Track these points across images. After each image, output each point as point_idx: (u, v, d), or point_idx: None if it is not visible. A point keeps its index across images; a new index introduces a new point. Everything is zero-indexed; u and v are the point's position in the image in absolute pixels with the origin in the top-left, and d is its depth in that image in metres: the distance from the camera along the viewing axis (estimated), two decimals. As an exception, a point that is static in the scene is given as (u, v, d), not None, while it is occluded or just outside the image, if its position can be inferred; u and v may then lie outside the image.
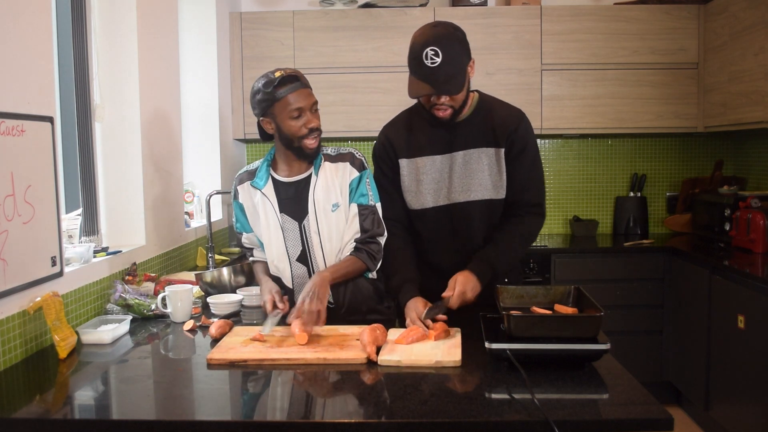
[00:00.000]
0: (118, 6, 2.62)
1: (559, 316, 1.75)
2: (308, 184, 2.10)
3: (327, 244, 2.11)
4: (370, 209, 2.12)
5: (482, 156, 2.09)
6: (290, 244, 2.13)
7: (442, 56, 1.90)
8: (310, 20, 3.95)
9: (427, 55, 1.90)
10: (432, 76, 1.92)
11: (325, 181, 2.09)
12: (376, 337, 1.74)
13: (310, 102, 2.03)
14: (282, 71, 2.02)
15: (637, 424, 1.36)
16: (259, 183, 2.13)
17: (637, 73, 3.96)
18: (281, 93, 2.00)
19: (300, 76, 2.04)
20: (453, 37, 1.94)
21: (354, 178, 2.11)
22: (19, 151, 1.82)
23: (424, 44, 1.92)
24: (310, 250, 2.13)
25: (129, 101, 2.64)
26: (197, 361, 1.79)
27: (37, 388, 1.66)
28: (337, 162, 2.12)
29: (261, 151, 4.41)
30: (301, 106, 2.01)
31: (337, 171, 2.11)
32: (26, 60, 1.89)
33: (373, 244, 2.11)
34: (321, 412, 1.46)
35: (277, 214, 2.12)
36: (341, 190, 2.10)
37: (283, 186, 2.13)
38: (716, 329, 3.22)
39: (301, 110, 2.01)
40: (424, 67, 1.92)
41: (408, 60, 1.98)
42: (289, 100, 2.00)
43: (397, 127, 2.20)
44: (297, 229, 2.12)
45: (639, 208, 4.26)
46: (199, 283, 2.45)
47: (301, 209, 2.11)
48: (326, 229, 2.10)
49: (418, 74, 1.95)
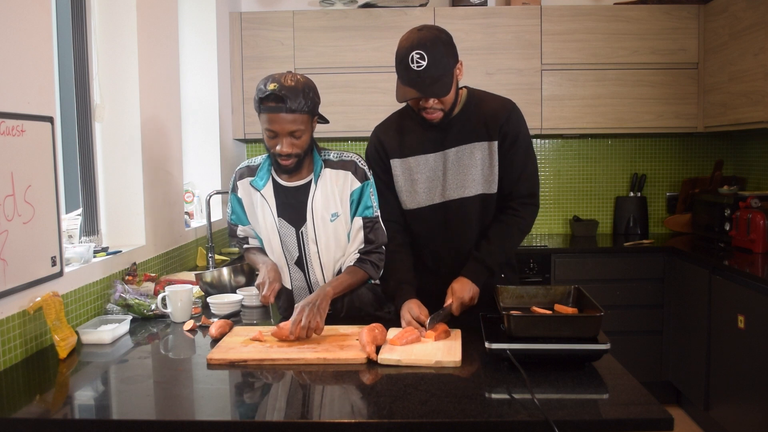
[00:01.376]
0: (118, 6, 2.62)
1: (559, 316, 1.75)
2: (307, 191, 2.07)
3: (325, 254, 2.09)
4: (374, 220, 2.10)
5: (475, 151, 2.09)
6: (288, 249, 2.12)
7: (427, 59, 1.90)
8: (310, 20, 3.96)
9: (413, 59, 1.90)
10: (418, 79, 1.92)
11: (325, 189, 2.06)
12: (375, 336, 1.74)
13: (287, 130, 1.92)
14: (277, 84, 1.90)
15: (637, 424, 1.36)
16: (258, 183, 2.09)
17: (637, 73, 3.96)
18: (263, 108, 1.93)
19: (291, 97, 1.90)
20: (438, 40, 1.93)
21: (356, 189, 2.07)
22: (19, 151, 1.82)
23: (409, 48, 1.91)
24: (307, 258, 2.11)
25: (129, 101, 2.64)
26: (197, 361, 1.79)
27: (37, 388, 1.66)
28: (339, 170, 2.07)
29: (261, 152, 4.41)
30: (276, 130, 1.93)
31: (338, 179, 2.07)
32: (26, 60, 1.89)
33: (376, 254, 2.10)
34: (321, 412, 1.46)
35: (275, 218, 2.09)
36: (341, 199, 2.07)
37: (283, 190, 2.09)
38: (716, 329, 3.22)
39: (276, 133, 1.94)
40: (410, 72, 1.92)
41: (395, 65, 1.97)
42: (267, 119, 1.93)
43: (387, 128, 2.19)
44: (294, 235, 2.10)
45: (639, 208, 4.26)
46: (199, 283, 2.45)
47: (300, 216, 2.08)
48: (324, 239, 2.08)
49: (404, 79, 1.95)
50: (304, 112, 1.94)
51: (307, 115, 1.96)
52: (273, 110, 1.91)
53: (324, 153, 2.10)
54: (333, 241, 2.08)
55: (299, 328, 1.81)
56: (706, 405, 3.35)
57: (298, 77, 1.96)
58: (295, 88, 1.92)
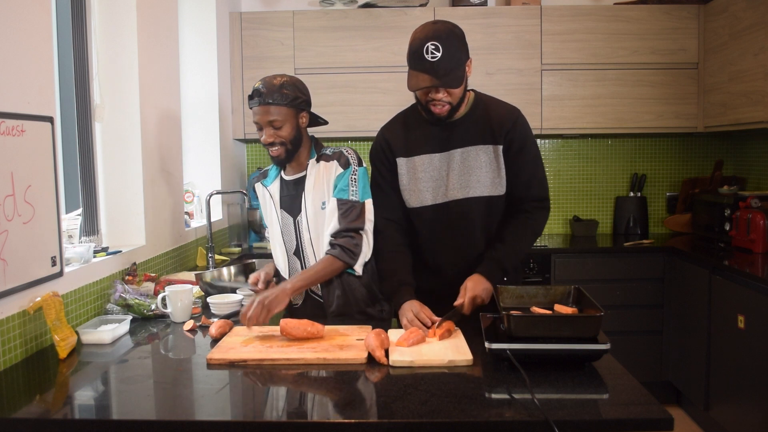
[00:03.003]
0: (118, 6, 2.62)
1: (559, 316, 1.75)
2: (304, 182, 2.18)
3: (316, 242, 2.18)
4: (350, 204, 2.12)
5: (480, 153, 2.10)
6: (287, 239, 2.22)
7: (442, 51, 1.93)
8: (310, 20, 3.96)
9: (427, 50, 1.93)
10: (432, 69, 1.94)
11: (315, 180, 2.16)
12: (383, 340, 1.74)
13: (266, 119, 2.09)
14: (261, 83, 2.10)
15: (637, 424, 1.36)
16: (267, 182, 2.28)
17: (637, 73, 3.96)
18: (249, 104, 2.13)
19: (269, 91, 2.08)
20: (453, 33, 1.97)
21: (338, 174, 2.14)
22: (19, 151, 1.82)
23: (425, 39, 1.95)
24: (301, 246, 2.21)
25: (129, 101, 2.64)
26: (197, 361, 1.79)
27: (37, 388, 1.66)
28: (329, 161, 2.17)
29: (261, 151, 4.41)
30: (258, 121, 2.12)
31: (327, 170, 2.16)
32: (26, 60, 1.89)
33: (346, 238, 2.11)
34: (321, 412, 1.46)
35: (277, 210, 2.23)
36: (328, 188, 2.16)
37: (286, 183, 2.23)
38: (716, 329, 3.22)
39: (260, 125, 2.12)
40: (424, 62, 1.94)
41: (408, 56, 2.00)
42: (253, 113, 2.13)
43: (393, 127, 2.22)
44: (292, 224, 2.20)
45: (639, 208, 4.26)
46: (199, 283, 2.45)
47: (297, 206, 2.19)
48: (314, 227, 2.17)
49: (418, 68, 1.97)
50: (281, 105, 2.09)
51: (286, 107, 2.10)
52: (253, 104, 2.11)
53: (323, 150, 2.21)
54: (322, 229, 2.16)
55: (245, 318, 1.93)
56: (706, 405, 3.35)
57: (285, 77, 2.12)
58: (274, 85, 2.10)
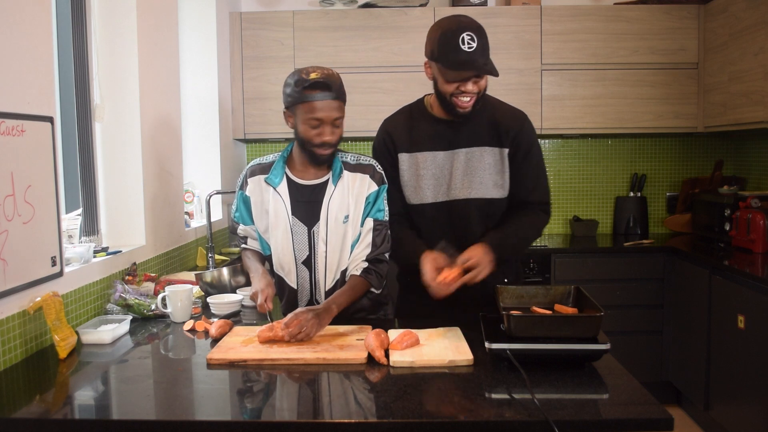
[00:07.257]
0: (118, 6, 2.62)
1: (559, 316, 1.75)
2: (324, 190, 2.06)
3: (331, 255, 2.07)
4: (385, 225, 2.09)
5: (485, 155, 2.09)
6: (297, 248, 2.08)
7: (477, 40, 1.92)
8: (310, 20, 3.96)
9: (463, 40, 1.90)
10: (472, 59, 1.92)
11: (342, 191, 2.05)
12: (383, 340, 1.74)
13: (332, 117, 1.96)
14: (319, 72, 1.93)
15: (637, 424, 1.36)
16: (274, 180, 2.08)
17: (637, 73, 3.96)
18: (308, 97, 1.93)
19: (334, 85, 1.95)
20: (481, 26, 1.97)
21: (372, 192, 2.07)
22: (19, 151, 1.82)
23: (458, 30, 1.92)
24: (315, 257, 2.09)
25: (129, 101, 2.64)
26: (197, 361, 1.79)
27: (37, 388, 1.66)
28: (357, 173, 2.07)
29: (261, 152, 4.41)
30: (322, 117, 1.95)
31: (355, 182, 2.06)
32: (26, 60, 1.89)
33: (382, 264, 2.09)
34: (321, 412, 1.46)
35: (289, 216, 2.07)
36: (356, 202, 2.06)
37: (299, 188, 2.08)
38: (716, 329, 3.22)
39: (321, 121, 1.96)
40: (461, 53, 1.91)
41: (438, 49, 1.95)
42: (312, 107, 1.94)
43: (397, 122, 2.19)
44: (306, 233, 2.07)
45: (639, 208, 4.26)
46: (199, 283, 2.45)
47: (313, 215, 2.06)
48: (334, 240, 2.06)
49: (452, 60, 1.93)
50: (343, 101, 2.00)
51: (343, 104, 2.01)
52: (322, 98, 1.94)
53: (341, 154, 2.11)
54: (341, 243, 2.06)
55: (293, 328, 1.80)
56: (706, 405, 3.35)
57: (327, 69, 1.99)
58: (334, 77, 1.97)
